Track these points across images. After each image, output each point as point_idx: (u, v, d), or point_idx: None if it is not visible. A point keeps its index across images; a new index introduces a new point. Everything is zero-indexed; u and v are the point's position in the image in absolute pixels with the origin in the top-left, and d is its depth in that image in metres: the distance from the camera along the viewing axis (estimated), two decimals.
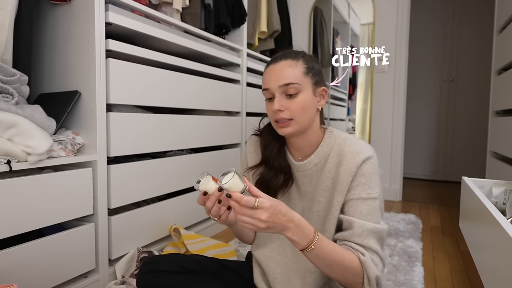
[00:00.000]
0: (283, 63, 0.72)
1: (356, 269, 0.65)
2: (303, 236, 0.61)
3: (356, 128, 2.80)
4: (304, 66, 0.73)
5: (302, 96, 0.71)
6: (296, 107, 0.71)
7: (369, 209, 0.69)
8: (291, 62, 0.72)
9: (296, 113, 0.71)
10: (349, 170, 0.71)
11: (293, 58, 0.73)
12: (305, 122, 0.73)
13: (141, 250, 1.19)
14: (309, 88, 0.73)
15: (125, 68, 1.17)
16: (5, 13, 0.98)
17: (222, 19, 1.79)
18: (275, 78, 0.72)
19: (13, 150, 0.87)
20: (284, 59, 0.73)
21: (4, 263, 0.85)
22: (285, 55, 0.74)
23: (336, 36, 2.83)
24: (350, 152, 0.73)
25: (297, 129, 0.73)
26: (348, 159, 0.72)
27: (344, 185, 0.71)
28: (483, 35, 3.11)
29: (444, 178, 3.35)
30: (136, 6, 1.24)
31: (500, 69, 1.64)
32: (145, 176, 1.28)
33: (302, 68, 0.72)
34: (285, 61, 0.72)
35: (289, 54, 0.74)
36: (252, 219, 0.58)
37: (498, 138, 1.59)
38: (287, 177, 0.79)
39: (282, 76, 0.71)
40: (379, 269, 0.67)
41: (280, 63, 0.73)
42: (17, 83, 0.98)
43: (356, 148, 0.73)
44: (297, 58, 0.73)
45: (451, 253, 1.53)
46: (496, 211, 0.71)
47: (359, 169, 0.71)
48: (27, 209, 0.90)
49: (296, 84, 0.71)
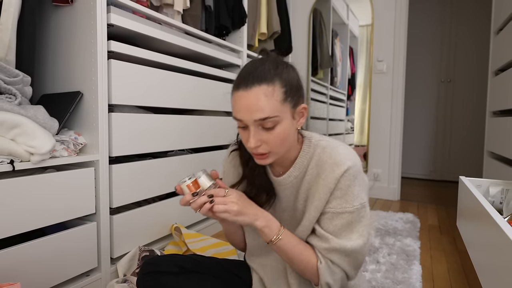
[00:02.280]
0: (257, 91, 0.60)
1: (312, 270, 0.67)
2: (272, 228, 0.66)
3: (355, 128, 2.82)
4: (282, 91, 0.62)
5: (280, 127, 0.62)
6: (275, 141, 0.63)
7: (343, 223, 0.65)
8: (267, 88, 0.60)
9: (274, 146, 0.64)
10: (327, 185, 0.66)
11: (269, 82, 0.61)
12: (284, 151, 0.67)
13: (143, 249, 1.20)
14: (288, 115, 0.64)
15: (126, 69, 1.18)
16: (8, 15, 0.98)
17: (222, 21, 1.80)
18: (248, 111, 0.61)
19: (16, 150, 0.88)
20: (258, 83, 0.60)
21: (8, 262, 0.86)
22: (259, 77, 0.61)
23: (335, 38, 2.84)
24: (329, 164, 0.66)
25: (276, 159, 0.67)
26: (327, 173, 0.66)
27: (322, 201, 0.67)
28: (480, 36, 3.13)
29: (441, 177, 3.37)
30: (138, 7, 1.25)
31: (497, 70, 1.66)
32: (146, 176, 1.29)
33: (279, 94, 0.61)
34: (259, 88, 0.60)
35: (264, 76, 0.61)
36: (225, 205, 0.63)
37: (495, 138, 1.61)
38: (269, 194, 0.75)
39: (257, 109, 0.60)
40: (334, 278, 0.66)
41: (253, 91, 0.60)
42: (20, 83, 0.98)
43: (335, 159, 0.66)
44: (273, 81, 0.61)
45: (448, 252, 1.55)
46: (493, 210, 0.71)
47: (337, 183, 0.65)
48: (30, 208, 0.90)
49: (275, 117, 0.61)
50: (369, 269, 1.31)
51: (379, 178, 2.60)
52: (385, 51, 2.53)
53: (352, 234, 0.66)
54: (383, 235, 1.70)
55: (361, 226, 0.66)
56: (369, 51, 2.59)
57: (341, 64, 2.91)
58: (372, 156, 2.63)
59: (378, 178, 2.60)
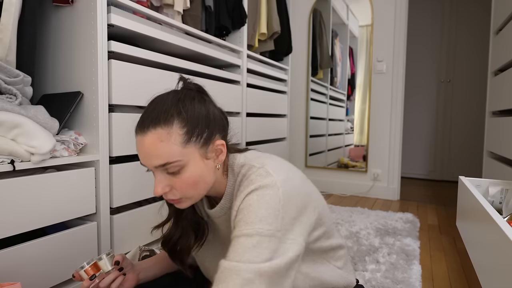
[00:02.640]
0: (152, 136, 0.55)
1: None
2: None
3: (355, 128, 2.82)
4: (181, 133, 0.55)
5: (188, 171, 0.56)
6: (183, 185, 0.57)
7: (238, 248, 0.51)
8: (162, 132, 0.54)
9: (185, 192, 0.58)
10: (233, 211, 0.57)
11: (164, 125, 0.55)
12: (200, 193, 0.60)
13: (143, 249, 1.20)
14: (196, 156, 0.57)
15: (127, 69, 1.19)
16: (8, 15, 0.98)
17: (222, 21, 1.81)
18: (147, 157, 0.56)
19: (16, 150, 0.88)
20: (153, 127, 0.55)
21: (8, 262, 0.86)
22: (154, 120, 0.55)
23: (335, 38, 2.85)
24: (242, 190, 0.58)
25: (195, 201, 0.61)
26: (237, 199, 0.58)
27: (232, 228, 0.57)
28: (480, 36, 3.14)
29: (441, 177, 3.38)
30: (138, 8, 1.25)
31: (496, 70, 1.66)
32: (146, 176, 1.29)
33: (178, 137, 0.55)
34: (154, 133, 0.55)
35: (159, 117, 0.55)
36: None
37: (494, 138, 1.61)
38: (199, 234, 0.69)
39: (155, 155, 0.55)
40: None
41: (149, 136, 0.55)
42: (20, 84, 0.98)
43: (247, 182, 0.57)
44: (169, 122, 0.55)
45: (448, 251, 1.55)
46: (492, 210, 0.71)
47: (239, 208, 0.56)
48: (30, 208, 0.91)
49: (176, 162, 0.55)
50: (368, 268, 1.31)
51: (379, 178, 2.61)
52: (384, 51, 2.54)
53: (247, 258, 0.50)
54: (382, 235, 1.70)
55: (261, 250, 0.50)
56: (369, 51, 2.59)
57: (341, 64, 2.91)
58: (372, 156, 2.63)
59: (377, 178, 2.61)
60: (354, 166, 2.74)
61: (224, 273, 0.50)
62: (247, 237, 0.51)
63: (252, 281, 0.48)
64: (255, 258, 0.49)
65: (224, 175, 0.65)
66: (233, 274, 0.48)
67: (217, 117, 0.63)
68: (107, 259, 0.68)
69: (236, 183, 0.62)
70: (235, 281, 0.48)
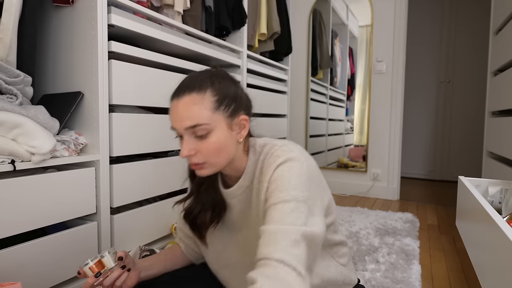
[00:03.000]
0: (187, 100, 0.61)
1: None
2: None
3: (355, 128, 2.83)
4: (213, 100, 0.61)
5: (214, 136, 0.61)
6: (209, 150, 0.61)
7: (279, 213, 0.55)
8: (196, 96, 0.61)
9: (208, 156, 0.62)
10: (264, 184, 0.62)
11: (199, 91, 0.61)
12: (222, 162, 0.64)
13: (143, 248, 1.20)
14: (223, 125, 0.62)
15: (127, 69, 1.19)
16: (9, 15, 0.98)
17: (222, 21, 1.81)
18: (179, 119, 0.61)
19: (17, 150, 0.88)
20: (188, 93, 0.61)
21: (8, 261, 0.86)
22: (190, 87, 0.62)
23: (334, 38, 2.85)
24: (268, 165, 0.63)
25: (215, 170, 0.65)
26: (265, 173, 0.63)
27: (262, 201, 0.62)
28: (480, 37, 3.14)
29: (441, 177, 3.38)
30: (138, 8, 1.25)
31: (496, 70, 1.66)
32: (147, 176, 1.30)
33: (210, 103, 0.61)
34: (188, 96, 0.61)
35: (194, 85, 0.62)
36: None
37: (494, 138, 1.61)
38: (216, 211, 0.72)
39: (187, 116, 0.60)
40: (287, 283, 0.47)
41: (183, 100, 0.61)
42: (21, 84, 0.99)
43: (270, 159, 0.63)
44: (203, 90, 0.61)
45: (448, 251, 1.55)
46: (492, 210, 0.71)
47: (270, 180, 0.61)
48: (31, 208, 0.91)
49: (204, 124, 0.60)
50: (368, 268, 1.32)
51: (379, 178, 2.61)
52: (384, 52, 2.54)
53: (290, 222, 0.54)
54: (382, 235, 1.70)
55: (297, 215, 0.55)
56: (369, 52, 2.60)
57: (340, 65, 2.91)
58: (372, 156, 2.64)
59: (377, 178, 2.61)
60: (354, 166, 2.74)
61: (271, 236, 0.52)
62: (285, 203, 0.56)
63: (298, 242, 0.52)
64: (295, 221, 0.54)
65: (245, 154, 0.70)
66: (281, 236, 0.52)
67: (244, 97, 0.69)
68: (110, 256, 0.68)
69: (259, 162, 0.67)
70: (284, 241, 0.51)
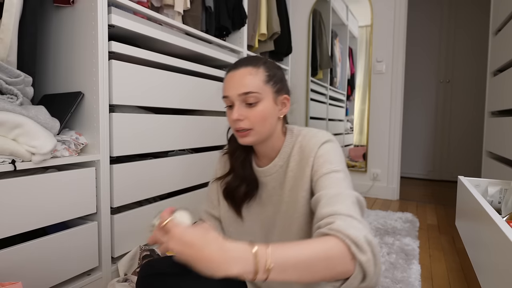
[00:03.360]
0: (243, 71, 0.70)
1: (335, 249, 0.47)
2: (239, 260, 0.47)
3: (354, 128, 2.83)
4: (265, 74, 0.71)
5: (262, 105, 0.70)
6: (256, 117, 0.69)
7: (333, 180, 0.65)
8: (252, 69, 0.70)
9: (256, 123, 0.70)
10: (308, 162, 0.70)
11: (254, 65, 0.71)
12: (265, 131, 0.72)
13: (143, 248, 1.21)
14: (270, 97, 0.71)
15: (127, 70, 1.19)
16: (9, 15, 0.99)
17: (222, 22, 1.81)
18: (235, 86, 0.70)
19: (17, 150, 0.88)
20: (245, 66, 0.71)
21: (9, 261, 0.86)
22: (246, 62, 0.72)
23: (334, 38, 2.85)
24: (308, 145, 0.72)
25: (257, 139, 0.72)
26: (306, 152, 0.72)
27: (305, 178, 0.71)
28: (479, 37, 3.15)
29: (440, 177, 3.39)
30: (138, 8, 1.25)
31: (495, 71, 1.67)
32: (147, 176, 1.30)
33: (262, 76, 0.70)
34: (245, 68, 0.70)
35: (250, 61, 0.72)
36: None
37: (493, 138, 1.62)
38: (250, 186, 0.78)
39: (242, 84, 0.69)
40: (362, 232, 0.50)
41: (240, 70, 0.70)
42: (21, 84, 0.99)
43: (312, 139, 0.73)
44: (258, 65, 0.71)
45: (447, 251, 1.56)
46: (491, 210, 0.71)
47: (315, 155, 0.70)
48: (32, 207, 0.91)
49: (256, 93, 0.69)
50: None
51: (378, 178, 2.61)
52: (384, 52, 2.55)
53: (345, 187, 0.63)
54: (382, 235, 1.71)
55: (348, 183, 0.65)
56: (369, 52, 2.60)
57: (340, 65, 2.92)
58: (371, 156, 2.64)
59: (377, 178, 2.61)
60: (353, 166, 2.75)
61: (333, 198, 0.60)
62: (336, 172, 0.66)
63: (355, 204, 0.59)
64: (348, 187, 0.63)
65: (282, 134, 0.77)
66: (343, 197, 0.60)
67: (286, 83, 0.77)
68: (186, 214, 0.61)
69: (296, 142, 0.75)
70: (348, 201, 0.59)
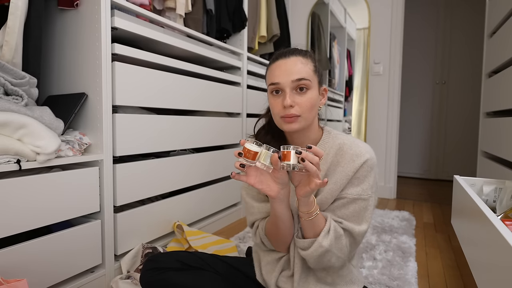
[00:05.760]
0: (295, 59, 0.72)
1: None
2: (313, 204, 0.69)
3: (352, 128, 2.86)
4: (313, 64, 0.74)
5: (311, 93, 0.71)
6: (306, 104, 0.71)
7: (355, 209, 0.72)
8: (302, 59, 0.72)
9: (305, 110, 0.71)
10: (346, 173, 0.73)
11: (304, 55, 0.73)
12: (310, 119, 0.73)
13: (146, 246, 1.22)
14: (316, 86, 0.74)
15: (130, 71, 1.21)
16: (15, 18, 1.00)
17: (223, 24, 1.83)
18: (287, 73, 0.70)
19: (22, 149, 0.89)
20: (295, 55, 0.72)
21: (14, 259, 0.88)
22: (295, 51, 0.73)
23: (333, 40, 2.88)
24: (349, 155, 0.74)
25: (303, 126, 0.72)
26: (346, 161, 0.73)
27: (337, 185, 0.73)
28: (474, 39, 3.19)
29: (436, 176, 3.42)
30: (141, 11, 1.27)
31: (490, 72, 1.69)
32: (149, 175, 1.32)
33: (311, 66, 0.73)
34: (296, 57, 0.72)
35: (299, 51, 0.74)
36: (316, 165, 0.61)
37: (488, 138, 1.64)
38: None
39: (295, 71, 0.70)
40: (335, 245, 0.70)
41: (292, 59, 0.72)
42: (26, 85, 1.00)
43: (355, 151, 0.74)
44: (306, 55, 0.73)
45: (443, 249, 1.58)
46: (486, 209, 0.72)
47: (356, 172, 0.72)
48: (36, 206, 0.92)
49: (308, 80, 0.70)
50: (366, 265, 1.34)
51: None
52: (381, 54, 2.58)
53: (361, 220, 0.73)
54: (379, 233, 1.73)
55: (369, 213, 0.74)
56: (366, 54, 2.63)
57: (338, 66, 2.95)
58: None
59: None
60: None
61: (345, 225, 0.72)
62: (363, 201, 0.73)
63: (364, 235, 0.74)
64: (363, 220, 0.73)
65: (319, 128, 0.80)
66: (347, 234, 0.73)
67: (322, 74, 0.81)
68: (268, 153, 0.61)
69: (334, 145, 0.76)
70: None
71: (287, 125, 0.72)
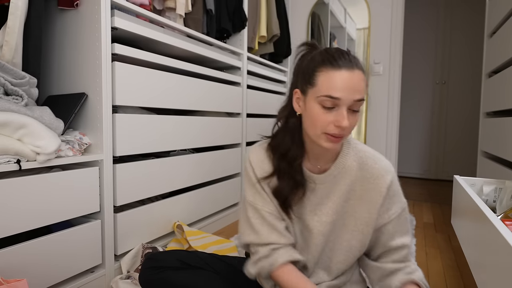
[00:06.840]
0: (359, 75, 0.64)
1: None
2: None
3: None
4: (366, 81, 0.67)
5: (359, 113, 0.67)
6: (354, 125, 0.66)
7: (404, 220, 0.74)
8: (362, 75, 0.65)
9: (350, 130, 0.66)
10: (379, 190, 0.71)
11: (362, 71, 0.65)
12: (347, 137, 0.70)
13: (146, 246, 1.22)
14: None
15: (130, 71, 1.21)
16: (15, 18, 1.00)
17: (223, 24, 1.83)
18: (352, 90, 0.62)
19: (22, 149, 0.89)
20: (358, 69, 0.64)
21: (14, 259, 0.88)
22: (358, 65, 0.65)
23: (333, 40, 2.88)
24: (377, 170, 0.71)
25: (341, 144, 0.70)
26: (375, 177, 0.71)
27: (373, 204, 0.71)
28: (474, 39, 3.19)
29: (436, 176, 3.42)
30: (141, 11, 1.27)
31: (490, 72, 1.69)
32: (149, 175, 1.32)
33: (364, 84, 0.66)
34: (360, 73, 0.64)
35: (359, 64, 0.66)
36: None
37: (488, 138, 1.64)
38: (304, 190, 0.75)
39: (358, 90, 0.63)
40: None
41: (356, 74, 0.63)
42: (26, 85, 1.00)
43: (381, 165, 0.72)
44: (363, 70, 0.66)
45: (443, 249, 1.58)
46: (486, 209, 0.73)
47: (389, 190, 0.71)
48: (36, 206, 0.92)
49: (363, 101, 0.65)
50: None
51: None
52: (381, 54, 2.58)
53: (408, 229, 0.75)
54: None
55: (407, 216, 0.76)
56: (366, 54, 2.63)
57: None
58: None
59: None
60: None
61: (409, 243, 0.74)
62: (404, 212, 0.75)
63: None
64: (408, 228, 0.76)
65: None
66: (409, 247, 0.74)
67: None
68: None
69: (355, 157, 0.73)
70: None
71: (329, 144, 0.66)
